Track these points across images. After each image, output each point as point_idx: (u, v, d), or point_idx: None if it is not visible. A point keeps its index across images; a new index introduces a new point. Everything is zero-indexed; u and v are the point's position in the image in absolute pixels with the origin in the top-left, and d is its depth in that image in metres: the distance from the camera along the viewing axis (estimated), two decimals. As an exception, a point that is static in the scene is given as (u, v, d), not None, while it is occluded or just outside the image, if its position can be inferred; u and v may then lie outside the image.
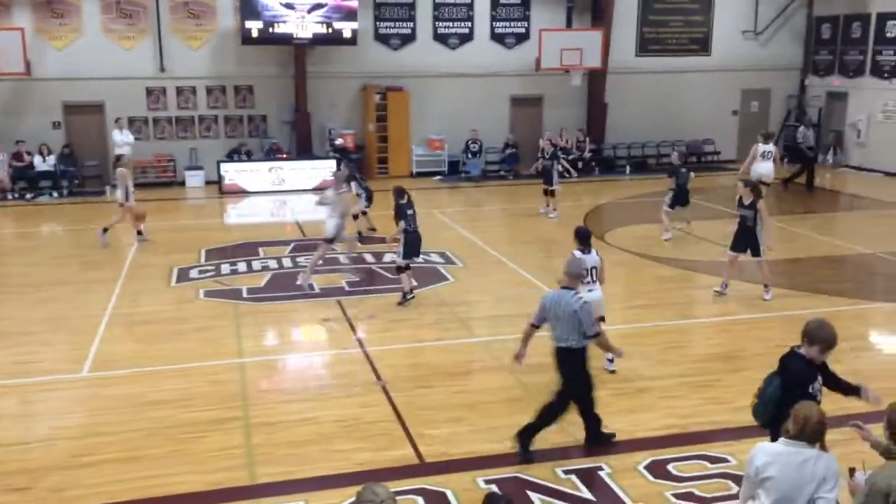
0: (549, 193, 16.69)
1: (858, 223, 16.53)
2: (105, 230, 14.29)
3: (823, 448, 4.20)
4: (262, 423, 7.40)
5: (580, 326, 6.51)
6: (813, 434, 4.17)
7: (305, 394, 8.12)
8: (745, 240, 10.90)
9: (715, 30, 23.29)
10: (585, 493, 6.18)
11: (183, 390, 8.15)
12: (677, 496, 6.14)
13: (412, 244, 10.91)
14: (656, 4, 22.86)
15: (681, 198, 14.35)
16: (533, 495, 6.12)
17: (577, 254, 8.09)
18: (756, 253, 10.89)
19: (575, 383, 6.71)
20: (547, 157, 16.69)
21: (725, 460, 6.64)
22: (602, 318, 8.13)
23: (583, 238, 8.27)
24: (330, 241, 11.79)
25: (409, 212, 10.88)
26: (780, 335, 9.58)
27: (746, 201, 10.81)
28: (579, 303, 6.54)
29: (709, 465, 6.59)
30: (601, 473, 6.47)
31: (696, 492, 6.19)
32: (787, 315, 10.31)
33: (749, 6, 23.29)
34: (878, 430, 4.70)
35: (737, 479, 6.16)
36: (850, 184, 19.88)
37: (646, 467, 6.55)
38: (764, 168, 16.36)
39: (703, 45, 23.39)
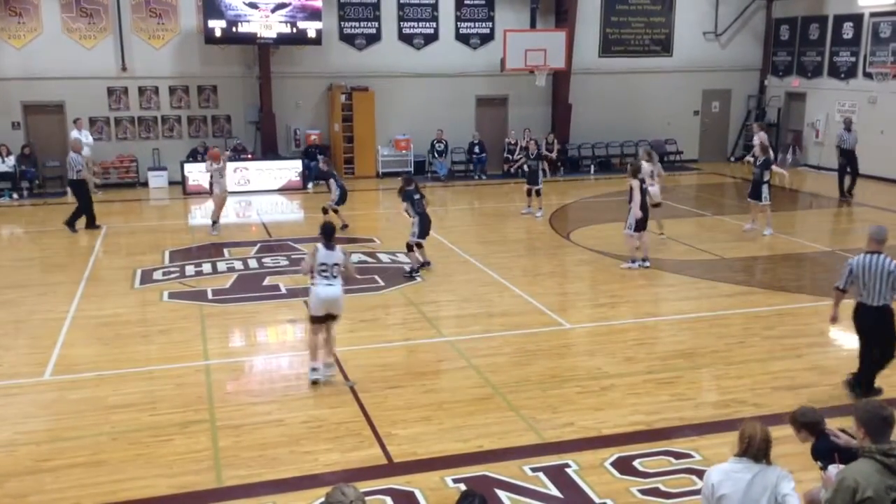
0: (536, 193, 16.68)
1: (817, 221, 16.86)
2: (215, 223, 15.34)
3: (769, 463, 4.36)
4: (229, 426, 7.35)
5: (894, 285, 7.33)
6: (758, 451, 4.33)
7: (272, 395, 8.08)
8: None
9: (676, 31, 23.60)
10: (553, 491, 6.24)
11: (147, 393, 8.06)
12: (643, 492, 6.21)
13: (424, 225, 12.26)
14: (619, 6, 23.09)
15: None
16: (501, 493, 6.16)
17: (321, 249, 8.15)
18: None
19: (888, 337, 7.47)
20: (532, 157, 16.72)
21: (689, 455, 6.74)
22: (335, 317, 8.35)
23: (327, 234, 8.20)
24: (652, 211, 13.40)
25: (416, 196, 12.22)
26: (739, 332, 9.80)
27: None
28: (893, 264, 7.31)
29: (673, 460, 6.68)
30: (568, 470, 6.52)
31: (662, 487, 6.27)
32: (747, 312, 10.51)
33: (709, 8, 23.64)
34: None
35: (700, 474, 6.26)
36: (809, 183, 20.28)
37: (612, 464, 6.62)
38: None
39: (664, 47, 23.68)
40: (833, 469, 4.67)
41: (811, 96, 22.89)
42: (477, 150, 21.85)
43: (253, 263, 13.10)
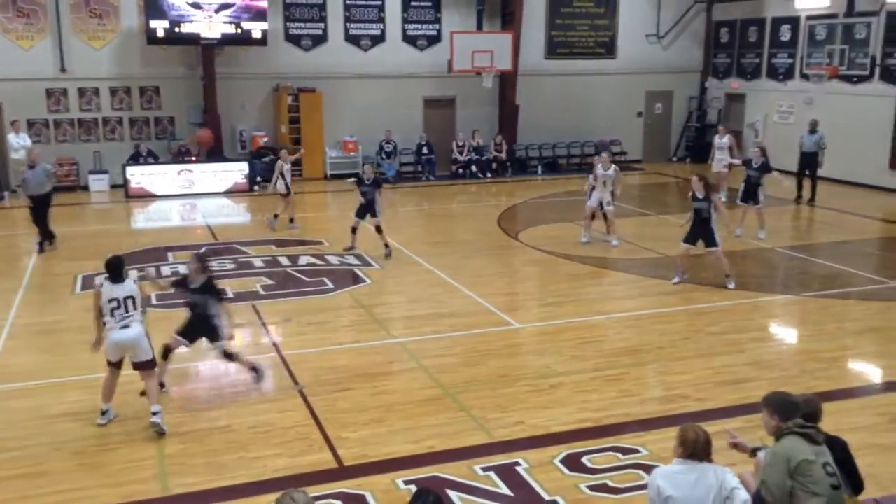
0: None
1: (757, 219, 17.27)
2: (276, 216, 15.60)
3: (710, 460, 4.60)
4: (175, 433, 7.23)
5: None
6: (702, 452, 4.56)
7: (220, 401, 7.97)
8: (699, 232, 11.43)
9: (620, 34, 23.96)
10: (504, 489, 6.28)
11: (90, 401, 7.86)
12: (592, 488, 6.30)
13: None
14: (563, 9, 23.35)
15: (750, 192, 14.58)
16: (452, 494, 6.18)
17: (106, 284, 7.29)
18: (712, 244, 11.44)
19: None
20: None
21: (636, 451, 6.85)
22: (149, 363, 7.34)
23: (111, 268, 7.33)
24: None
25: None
26: (682, 328, 10.00)
27: (700, 195, 11.30)
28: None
29: (621, 456, 6.78)
30: (518, 469, 6.57)
31: (610, 483, 6.37)
32: (690, 308, 10.74)
33: (651, 11, 24.06)
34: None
35: (647, 469, 6.38)
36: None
37: (561, 461, 6.69)
38: (717, 157, 17.89)
39: (608, 49, 24.03)
40: (762, 454, 4.96)
41: (750, 97, 23.47)
42: (425, 151, 21.89)
43: (199, 267, 12.88)
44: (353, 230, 13.60)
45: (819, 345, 9.50)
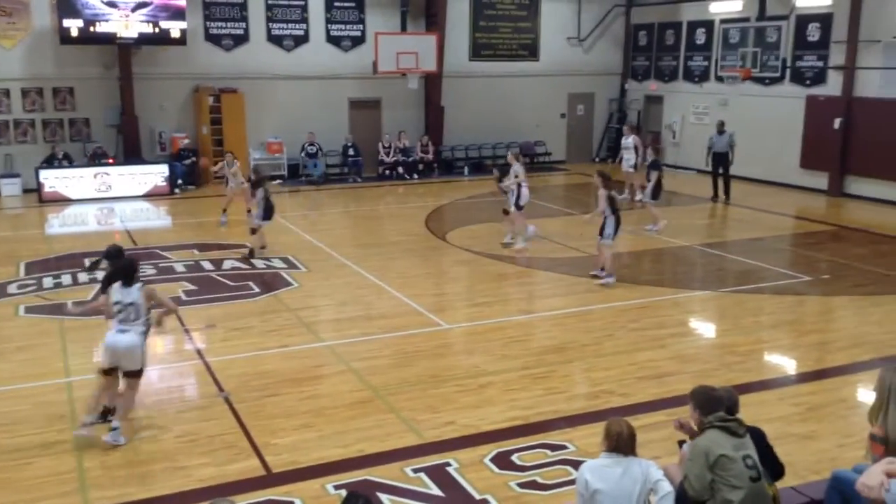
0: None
1: (675, 218, 17.75)
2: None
3: (635, 455, 4.73)
4: (95, 444, 6.99)
5: None
6: (626, 446, 4.70)
7: (142, 410, 7.74)
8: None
9: (542, 36, 24.31)
10: (435, 490, 6.30)
11: (4, 415, 7.56)
12: (521, 485, 6.36)
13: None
14: (487, 11, 23.57)
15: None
16: (383, 496, 6.16)
17: (116, 286, 7.23)
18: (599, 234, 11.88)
19: None
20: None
21: (564, 447, 6.96)
22: (136, 373, 7.19)
23: (126, 271, 7.29)
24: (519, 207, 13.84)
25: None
26: (606, 325, 10.22)
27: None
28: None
29: (549, 452, 6.88)
30: (449, 469, 6.59)
31: (539, 479, 6.45)
32: (613, 306, 10.97)
33: (572, 14, 24.47)
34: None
35: (575, 465, 6.49)
36: (667, 181, 21.29)
37: (491, 459, 6.74)
38: (624, 157, 18.52)
39: (531, 51, 24.35)
40: (686, 447, 5.11)
41: (668, 99, 24.12)
42: (352, 152, 21.75)
43: (118, 273, 12.51)
44: (253, 231, 13.54)
45: (736, 338, 9.82)
